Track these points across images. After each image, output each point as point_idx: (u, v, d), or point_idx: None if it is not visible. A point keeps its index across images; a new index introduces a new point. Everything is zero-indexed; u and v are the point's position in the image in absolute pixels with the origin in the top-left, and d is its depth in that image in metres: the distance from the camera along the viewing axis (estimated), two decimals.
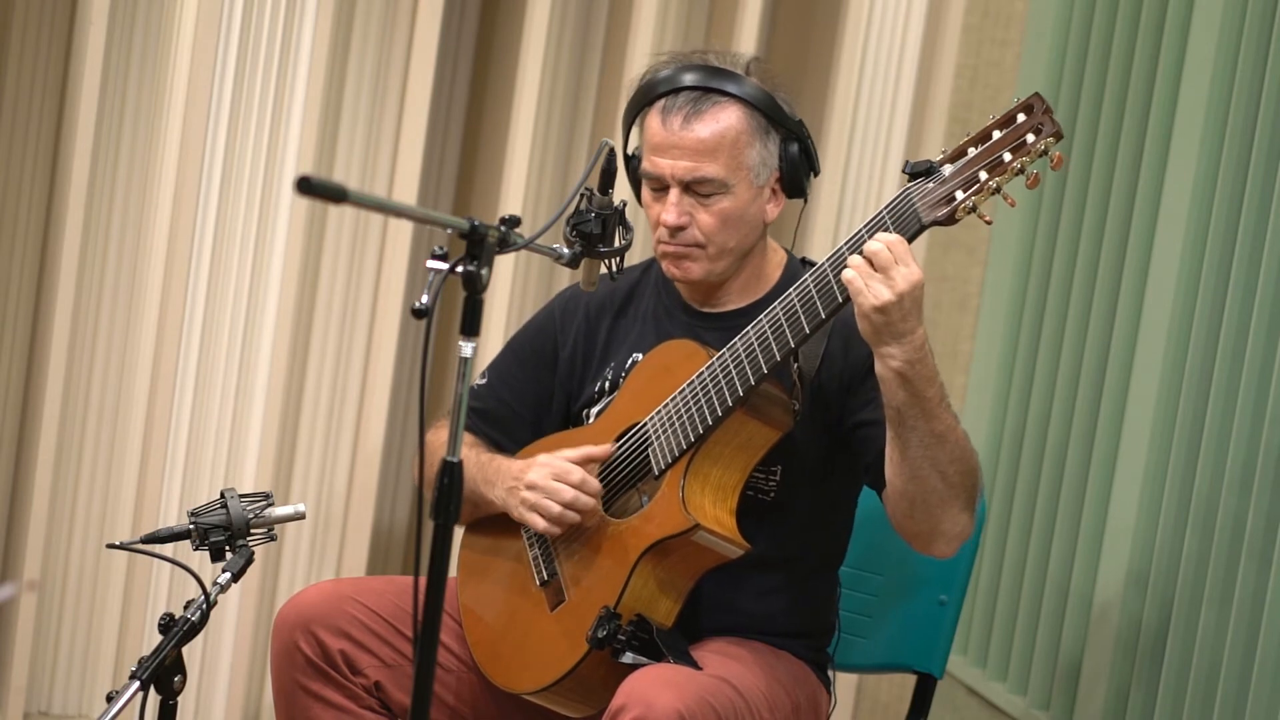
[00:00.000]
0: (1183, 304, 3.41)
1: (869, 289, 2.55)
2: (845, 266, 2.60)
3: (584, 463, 2.82)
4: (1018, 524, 3.79)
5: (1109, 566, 3.53)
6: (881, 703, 4.15)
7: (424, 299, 2.24)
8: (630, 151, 2.87)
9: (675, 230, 2.79)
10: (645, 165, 2.81)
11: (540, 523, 2.80)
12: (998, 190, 2.59)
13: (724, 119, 2.77)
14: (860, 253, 2.59)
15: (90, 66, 3.58)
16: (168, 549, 2.78)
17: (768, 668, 2.80)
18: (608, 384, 2.93)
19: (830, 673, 2.96)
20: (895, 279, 2.55)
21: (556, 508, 2.78)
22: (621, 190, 2.76)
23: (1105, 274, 3.62)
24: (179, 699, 2.59)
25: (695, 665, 2.70)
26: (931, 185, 2.61)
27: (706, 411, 2.72)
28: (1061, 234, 3.75)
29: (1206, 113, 3.39)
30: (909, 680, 3.12)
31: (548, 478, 2.79)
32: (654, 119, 2.80)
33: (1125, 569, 3.48)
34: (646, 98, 2.81)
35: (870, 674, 3.99)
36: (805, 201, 2.88)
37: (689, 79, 2.78)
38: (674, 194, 2.78)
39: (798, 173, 2.82)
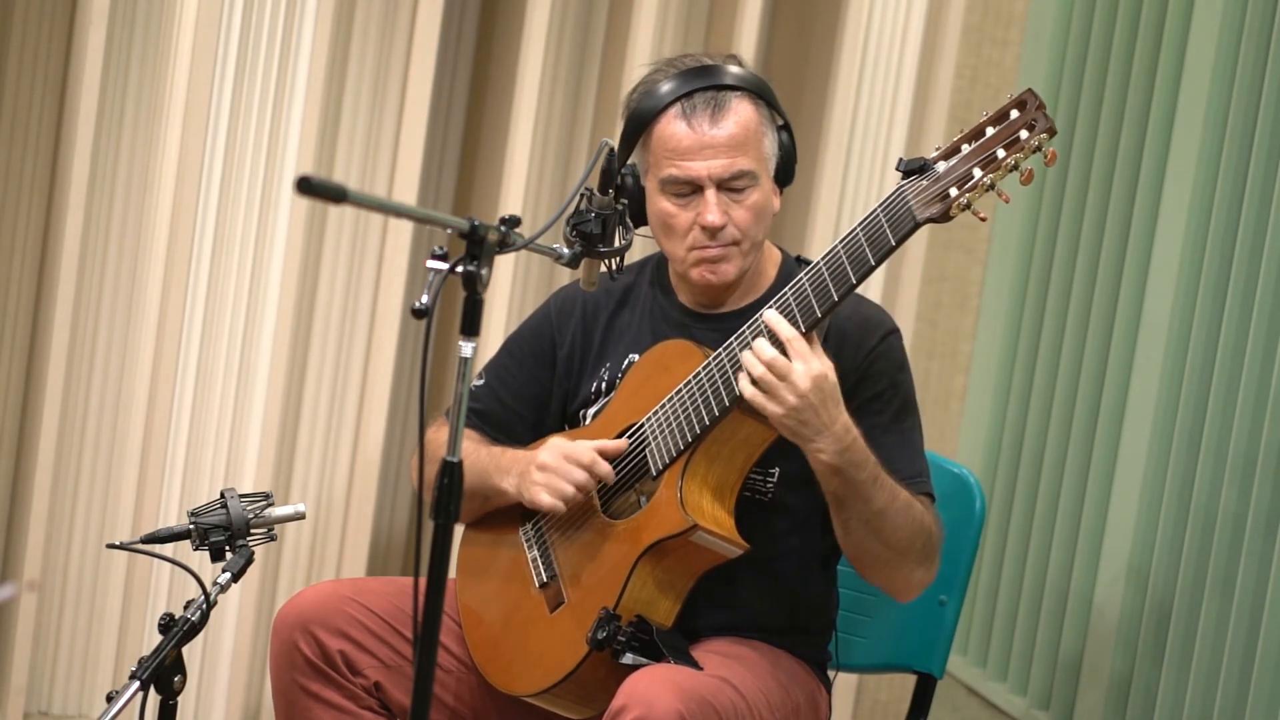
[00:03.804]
0: (1183, 304, 3.41)
1: (772, 402, 2.62)
2: (839, 262, 2.62)
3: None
4: (1018, 524, 3.79)
5: (1109, 566, 3.53)
6: (881, 703, 4.15)
7: (424, 299, 2.24)
8: (627, 168, 2.83)
9: (716, 231, 2.78)
10: (671, 172, 2.78)
11: (547, 499, 2.79)
12: (992, 186, 2.59)
13: (743, 112, 2.78)
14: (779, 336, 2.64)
15: (90, 66, 3.58)
16: (168, 549, 2.78)
17: (768, 667, 2.80)
18: (604, 384, 2.93)
19: (830, 672, 2.96)
20: (795, 381, 2.61)
21: (569, 489, 2.78)
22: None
23: (1105, 274, 3.62)
24: (179, 699, 2.59)
25: (696, 665, 2.70)
26: (925, 182, 2.61)
27: (704, 411, 2.72)
28: (1061, 234, 3.75)
29: (1206, 113, 3.40)
30: (909, 680, 3.12)
31: (559, 458, 2.79)
32: (674, 126, 2.78)
33: (1125, 568, 3.48)
34: (655, 108, 2.80)
35: (870, 674, 3.99)
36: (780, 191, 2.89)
37: (700, 81, 2.78)
38: (711, 194, 2.77)
39: (791, 161, 2.84)
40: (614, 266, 2.66)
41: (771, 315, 2.66)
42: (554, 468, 2.79)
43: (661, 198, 2.80)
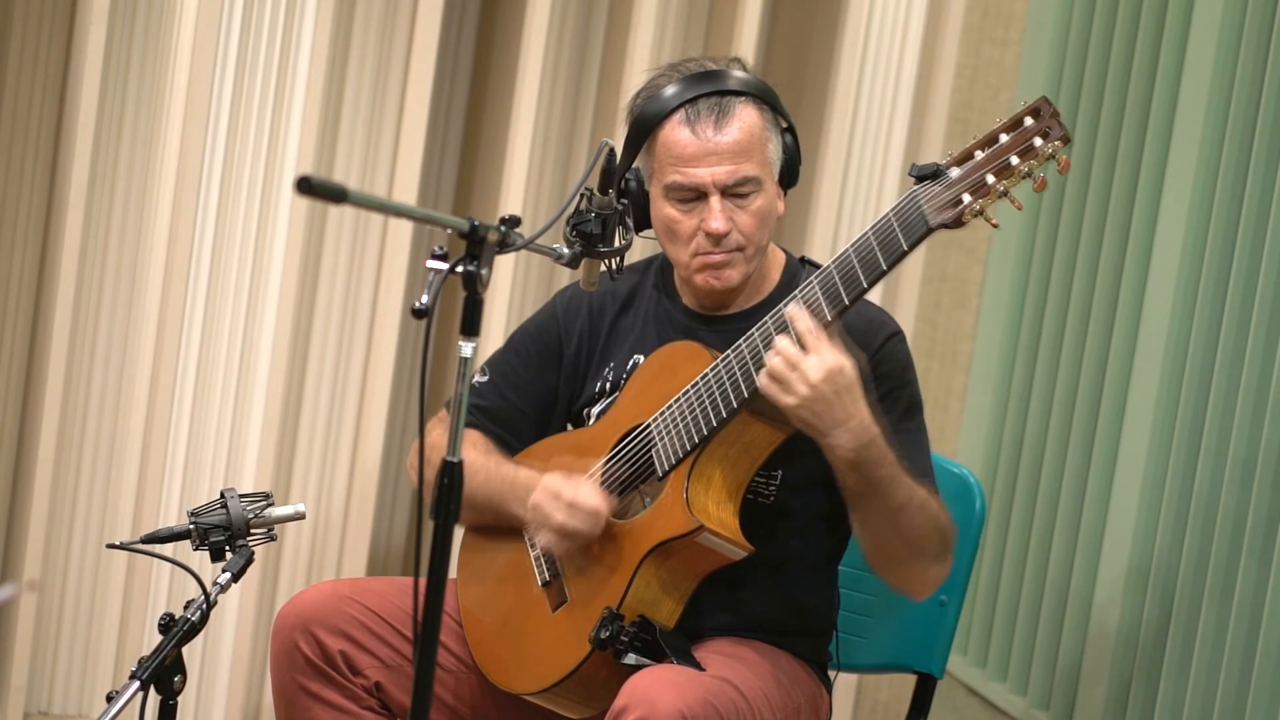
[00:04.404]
0: (1183, 304, 3.41)
1: (784, 393, 2.61)
2: (850, 265, 2.62)
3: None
4: (1018, 524, 3.79)
5: (1109, 566, 3.53)
6: (881, 703, 4.15)
7: (424, 299, 2.24)
8: (631, 172, 2.84)
9: (720, 238, 2.78)
10: (675, 178, 2.77)
11: (546, 539, 2.80)
12: (1005, 194, 2.59)
13: (747, 117, 2.78)
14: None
15: (90, 66, 3.58)
16: (168, 549, 2.78)
17: (769, 668, 2.80)
18: (608, 384, 2.92)
19: (830, 673, 2.96)
20: (806, 371, 2.60)
21: (550, 531, 2.78)
22: None
23: (1105, 274, 3.62)
24: (179, 699, 2.59)
25: (698, 666, 2.70)
26: (938, 188, 2.61)
27: (711, 413, 2.72)
28: (1061, 234, 3.75)
29: (1206, 113, 3.39)
30: (909, 680, 3.12)
31: (546, 495, 2.80)
32: (679, 132, 2.78)
33: (1125, 569, 3.48)
34: (659, 114, 2.79)
35: (870, 674, 3.99)
36: (785, 194, 2.88)
37: (703, 86, 2.78)
38: (716, 201, 2.77)
39: (795, 164, 2.84)
40: (614, 266, 2.66)
41: (793, 308, 2.66)
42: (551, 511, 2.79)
43: (666, 203, 2.80)
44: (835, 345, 2.63)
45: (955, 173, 2.61)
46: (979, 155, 2.60)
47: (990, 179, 2.59)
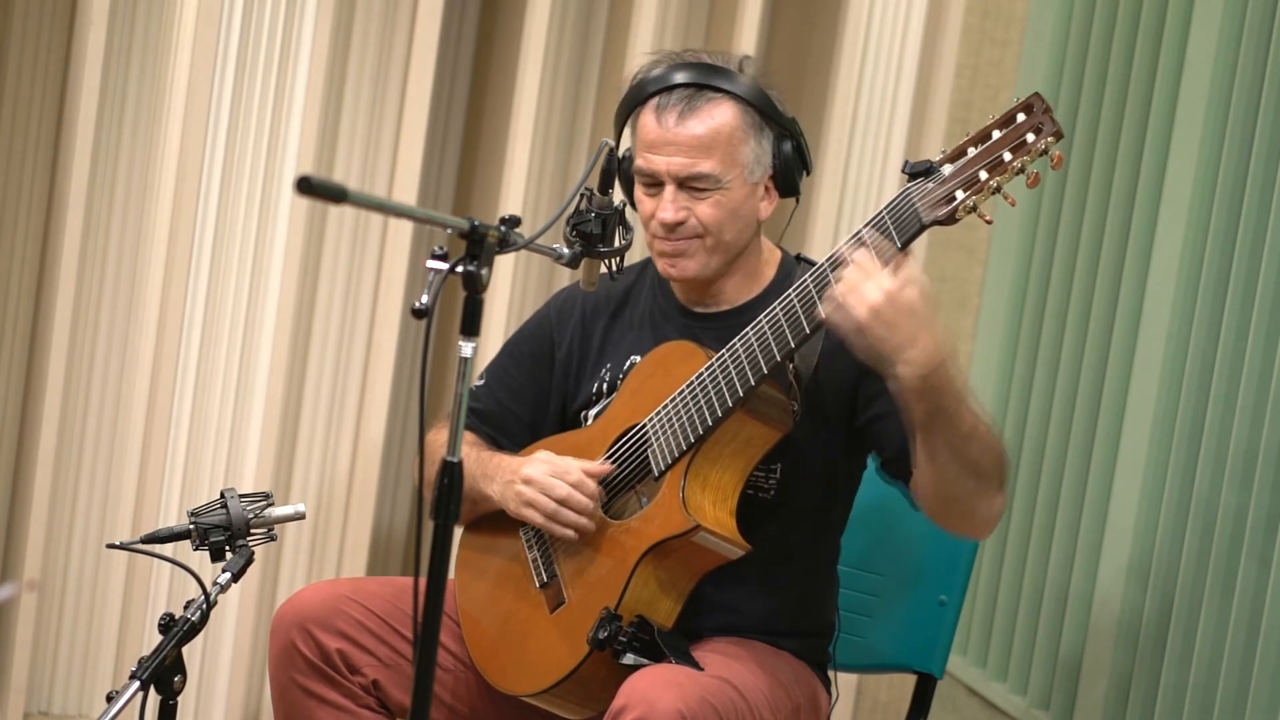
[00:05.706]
0: (1183, 304, 3.41)
1: (846, 315, 2.54)
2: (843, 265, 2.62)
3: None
4: (1018, 523, 3.79)
5: (1109, 566, 3.53)
6: (881, 703, 4.15)
7: (424, 299, 2.25)
8: (622, 153, 2.86)
9: (673, 226, 2.78)
10: (639, 162, 2.80)
11: (535, 518, 2.80)
12: (998, 190, 2.59)
13: (718, 115, 2.77)
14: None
15: (90, 66, 3.58)
16: (168, 549, 2.78)
17: (768, 668, 2.80)
18: (605, 385, 2.93)
19: (831, 673, 2.96)
20: (865, 294, 2.54)
21: (551, 504, 2.78)
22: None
23: (1105, 274, 3.62)
24: (179, 699, 2.59)
25: (696, 666, 2.70)
26: (931, 185, 2.61)
27: (706, 412, 2.72)
28: (1061, 234, 3.75)
29: (1206, 113, 3.39)
30: (909, 680, 3.12)
31: (545, 473, 2.80)
32: (648, 116, 2.79)
33: (1125, 568, 3.48)
34: (639, 96, 2.81)
35: (870, 674, 3.99)
36: (797, 201, 2.88)
37: (682, 77, 2.79)
38: (669, 191, 2.78)
39: (791, 171, 2.82)
40: (614, 266, 2.67)
41: (863, 240, 2.59)
42: (539, 482, 2.80)
43: (637, 184, 2.82)
44: (905, 270, 2.56)
45: (948, 169, 2.61)
46: (972, 152, 2.61)
47: (983, 175, 2.59)
